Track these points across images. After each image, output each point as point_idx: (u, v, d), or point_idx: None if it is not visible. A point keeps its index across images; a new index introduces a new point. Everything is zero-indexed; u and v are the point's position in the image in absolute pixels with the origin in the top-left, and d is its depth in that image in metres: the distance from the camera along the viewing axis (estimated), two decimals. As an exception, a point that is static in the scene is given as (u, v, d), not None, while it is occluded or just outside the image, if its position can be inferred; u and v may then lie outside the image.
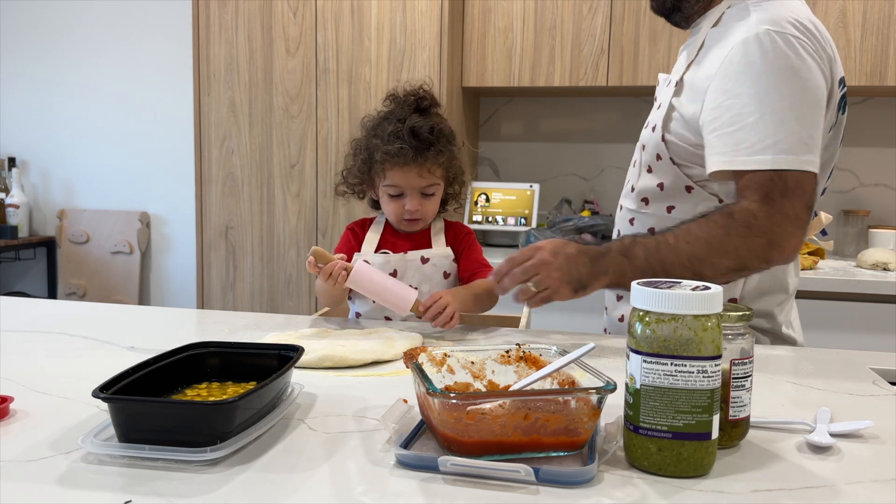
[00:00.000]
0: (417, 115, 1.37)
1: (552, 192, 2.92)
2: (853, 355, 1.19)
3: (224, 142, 2.62)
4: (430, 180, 1.38)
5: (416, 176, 1.36)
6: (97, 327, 1.28)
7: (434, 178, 1.38)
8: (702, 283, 0.70)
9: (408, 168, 1.35)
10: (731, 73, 1.13)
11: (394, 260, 1.41)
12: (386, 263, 1.40)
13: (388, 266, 1.40)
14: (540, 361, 0.83)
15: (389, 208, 1.41)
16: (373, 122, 1.41)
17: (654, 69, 2.46)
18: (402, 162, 1.34)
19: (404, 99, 1.40)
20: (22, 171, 3.48)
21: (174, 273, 3.42)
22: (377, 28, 2.46)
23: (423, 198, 1.39)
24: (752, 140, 1.09)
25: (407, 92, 1.41)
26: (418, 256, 1.41)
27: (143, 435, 0.69)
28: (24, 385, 0.92)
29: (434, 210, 1.43)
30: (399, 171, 1.36)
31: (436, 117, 1.40)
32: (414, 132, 1.34)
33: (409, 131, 1.34)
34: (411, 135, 1.33)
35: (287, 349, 0.88)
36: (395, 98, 1.41)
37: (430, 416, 0.72)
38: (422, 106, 1.40)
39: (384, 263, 1.40)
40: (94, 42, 3.36)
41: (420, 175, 1.36)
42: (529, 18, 2.54)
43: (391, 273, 1.39)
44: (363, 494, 0.63)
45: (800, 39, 1.11)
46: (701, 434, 0.66)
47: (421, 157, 1.34)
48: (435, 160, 1.36)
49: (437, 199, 1.42)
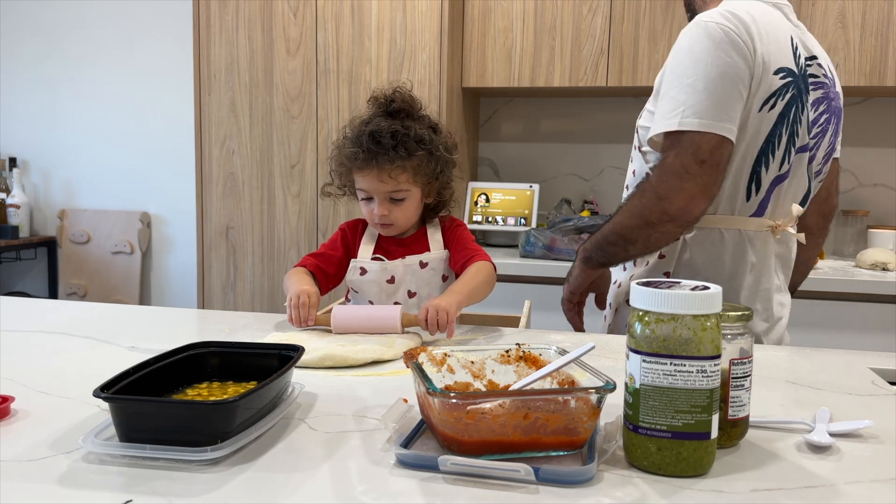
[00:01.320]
0: (383, 119, 1.33)
1: (552, 192, 2.92)
2: (852, 355, 1.19)
3: (225, 142, 2.62)
4: (394, 186, 1.32)
5: (377, 181, 1.31)
6: (98, 327, 1.28)
7: (398, 184, 1.32)
8: (701, 284, 0.70)
9: (368, 172, 1.31)
10: (667, 62, 1.30)
11: (390, 267, 1.37)
12: (383, 271, 1.37)
13: (385, 273, 1.37)
14: (540, 361, 0.83)
15: (364, 211, 1.38)
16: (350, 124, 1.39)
17: (653, 69, 2.46)
18: (360, 166, 1.31)
19: (378, 101, 1.37)
20: (23, 171, 3.48)
21: (175, 273, 3.42)
22: (377, 28, 2.46)
23: (391, 203, 1.34)
24: (665, 110, 1.24)
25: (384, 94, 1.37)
26: (416, 262, 1.38)
27: (144, 434, 0.69)
28: (25, 385, 0.92)
29: (407, 216, 1.37)
30: (361, 176, 1.33)
31: (407, 120, 1.34)
32: (373, 136, 1.30)
33: (368, 135, 1.30)
34: (370, 139, 1.30)
35: (287, 349, 0.88)
36: (375, 100, 1.38)
37: (430, 416, 0.72)
38: (390, 109, 1.35)
39: (381, 271, 1.37)
40: (95, 42, 3.36)
41: (381, 180, 1.31)
42: (529, 19, 2.55)
43: (388, 280, 1.37)
44: (363, 494, 0.63)
45: (723, 25, 1.23)
46: (700, 434, 0.67)
47: (377, 161, 1.30)
48: (395, 164, 1.30)
49: (409, 204, 1.35)
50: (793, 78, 1.28)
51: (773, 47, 1.26)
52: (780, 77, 1.26)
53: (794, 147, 1.30)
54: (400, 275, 1.38)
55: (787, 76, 1.27)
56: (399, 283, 1.38)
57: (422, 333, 1.24)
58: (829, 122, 1.36)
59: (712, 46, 1.22)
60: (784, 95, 1.27)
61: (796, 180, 1.34)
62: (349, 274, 1.40)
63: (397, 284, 1.38)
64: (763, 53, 1.25)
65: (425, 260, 1.38)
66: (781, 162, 1.30)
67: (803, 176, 1.35)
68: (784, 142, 1.29)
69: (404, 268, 1.38)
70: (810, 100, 1.31)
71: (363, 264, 1.39)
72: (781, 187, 1.32)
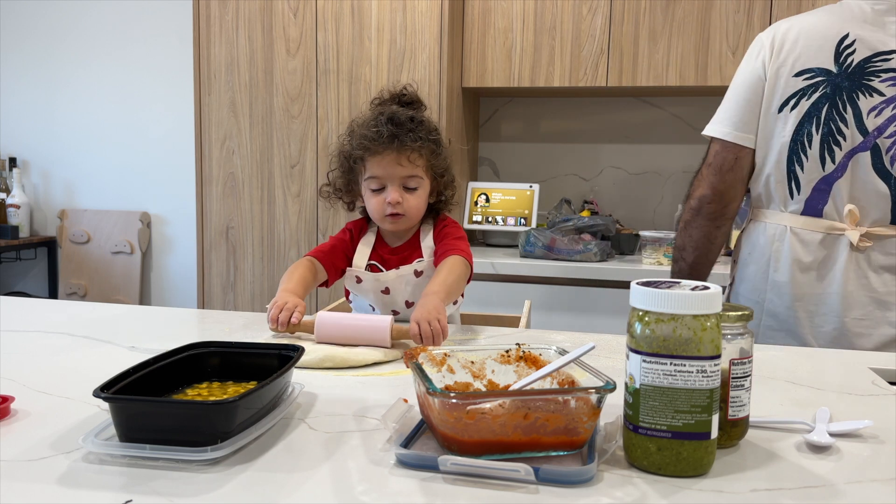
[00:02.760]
0: (398, 107, 1.35)
1: (552, 192, 2.92)
2: (852, 355, 1.19)
3: (224, 142, 2.62)
4: (411, 170, 1.31)
5: (395, 163, 1.30)
6: (98, 327, 1.28)
7: (415, 169, 1.31)
8: (701, 284, 0.70)
9: (387, 154, 1.30)
10: None
11: (384, 278, 1.36)
12: (376, 282, 1.35)
13: (379, 284, 1.35)
14: (540, 361, 0.83)
15: (372, 204, 1.35)
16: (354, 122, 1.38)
17: (653, 69, 2.46)
18: (379, 148, 1.30)
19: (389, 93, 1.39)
20: (23, 172, 3.48)
21: (175, 273, 3.42)
22: (377, 28, 2.46)
23: (405, 191, 1.33)
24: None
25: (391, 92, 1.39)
26: (411, 271, 1.36)
27: (144, 434, 0.69)
28: (25, 385, 0.92)
29: (418, 207, 1.35)
30: (377, 160, 1.31)
31: (419, 112, 1.36)
32: (392, 119, 1.30)
33: (387, 118, 1.30)
34: (389, 121, 1.30)
35: (287, 349, 0.88)
36: (381, 98, 1.40)
37: (430, 416, 0.72)
38: (403, 101, 1.37)
39: (374, 282, 1.35)
40: (95, 42, 3.36)
41: (399, 163, 1.30)
42: (529, 19, 2.55)
43: (383, 291, 1.35)
44: (363, 494, 0.63)
45: (759, 37, 1.41)
46: (700, 434, 0.67)
47: (399, 142, 1.29)
48: (414, 148, 1.30)
49: (420, 195, 1.34)
50: (825, 77, 1.31)
51: (803, 51, 1.33)
52: (803, 78, 1.32)
53: (837, 146, 1.30)
54: (394, 285, 1.36)
55: (816, 76, 1.31)
56: (394, 293, 1.36)
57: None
58: None
59: (745, 58, 1.41)
60: (810, 95, 1.31)
61: (860, 182, 1.31)
62: (346, 281, 1.40)
63: (393, 295, 1.36)
64: (785, 57, 1.34)
65: (419, 269, 1.36)
66: (823, 161, 1.31)
67: (873, 178, 1.30)
68: (817, 141, 1.31)
69: (398, 278, 1.35)
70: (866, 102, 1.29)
71: (358, 273, 1.37)
72: (838, 187, 1.31)
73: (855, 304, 1.33)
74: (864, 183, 1.31)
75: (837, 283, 1.33)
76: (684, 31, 2.44)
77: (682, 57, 2.45)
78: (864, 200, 1.31)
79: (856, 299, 1.33)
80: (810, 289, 1.36)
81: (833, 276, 1.34)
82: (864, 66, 1.29)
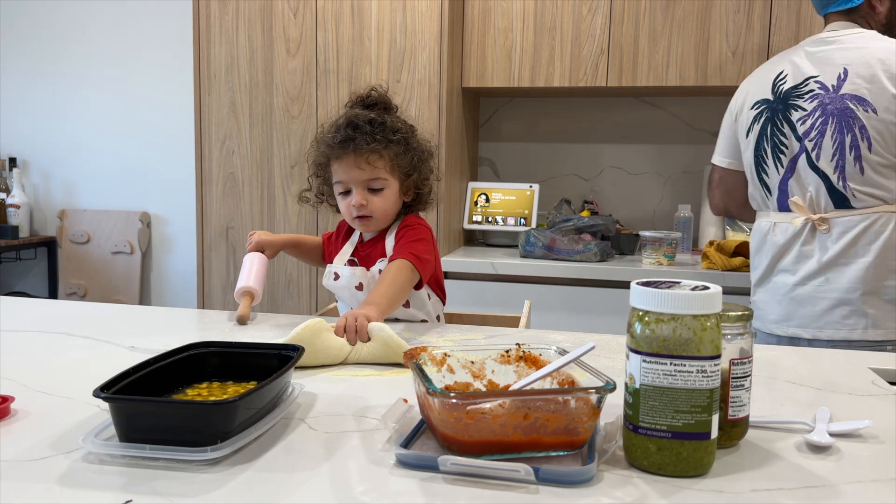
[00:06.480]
0: (361, 109, 1.35)
1: (552, 192, 2.92)
2: (852, 355, 1.19)
3: (224, 142, 2.62)
4: (371, 173, 1.32)
5: (355, 167, 1.31)
6: (98, 327, 1.28)
7: (375, 171, 1.32)
8: (701, 284, 0.70)
9: (346, 159, 1.32)
10: None
11: (359, 273, 1.38)
12: (352, 276, 1.38)
13: (354, 279, 1.38)
14: (540, 361, 0.83)
15: (342, 208, 1.38)
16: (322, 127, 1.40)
17: (653, 69, 2.46)
18: (339, 153, 1.32)
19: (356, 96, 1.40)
20: (23, 172, 3.48)
21: (175, 273, 3.42)
22: (377, 28, 2.46)
23: (369, 193, 1.33)
24: None
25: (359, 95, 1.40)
26: (377, 270, 1.37)
27: (144, 434, 0.69)
28: (25, 385, 0.92)
29: (384, 208, 1.35)
30: (339, 164, 1.33)
31: (384, 113, 1.36)
32: (350, 122, 1.31)
33: (346, 122, 1.32)
34: (348, 125, 1.31)
35: (287, 349, 0.88)
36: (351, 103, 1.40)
37: (430, 416, 0.72)
38: (367, 102, 1.38)
39: (351, 276, 1.38)
40: (95, 43, 3.36)
41: (358, 166, 1.31)
42: (529, 19, 2.55)
43: (357, 286, 1.37)
44: (363, 494, 0.63)
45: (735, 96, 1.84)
46: (700, 434, 0.67)
47: (355, 145, 1.30)
48: (373, 150, 1.30)
49: (387, 195, 1.35)
50: (766, 104, 1.69)
51: (755, 86, 1.74)
52: (754, 109, 1.72)
53: (783, 154, 1.65)
54: (368, 283, 1.38)
55: (760, 105, 1.71)
56: (367, 289, 1.37)
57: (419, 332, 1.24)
58: (826, 124, 1.59)
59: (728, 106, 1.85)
60: (759, 120, 1.70)
61: (802, 179, 1.63)
62: (325, 279, 1.42)
63: (366, 290, 1.37)
64: (746, 94, 1.75)
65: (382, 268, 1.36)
66: (777, 168, 1.67)
67: (809, 173, 1.62)
68: (770, 152, 1.68)
69: (371, 275, 1.38)
70: (796, 115, 1.63)
71: (336, 269, 1.40)
72: (790, 186, 1.65)
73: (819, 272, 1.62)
74: (804, 179, 1.63)
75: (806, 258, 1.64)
76: (684, 31, 2.44)
77: (682, 57, 2.45)
78: (812, 192, 1.62)
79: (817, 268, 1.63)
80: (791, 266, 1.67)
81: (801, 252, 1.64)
82: (791, 92, 1.65)
